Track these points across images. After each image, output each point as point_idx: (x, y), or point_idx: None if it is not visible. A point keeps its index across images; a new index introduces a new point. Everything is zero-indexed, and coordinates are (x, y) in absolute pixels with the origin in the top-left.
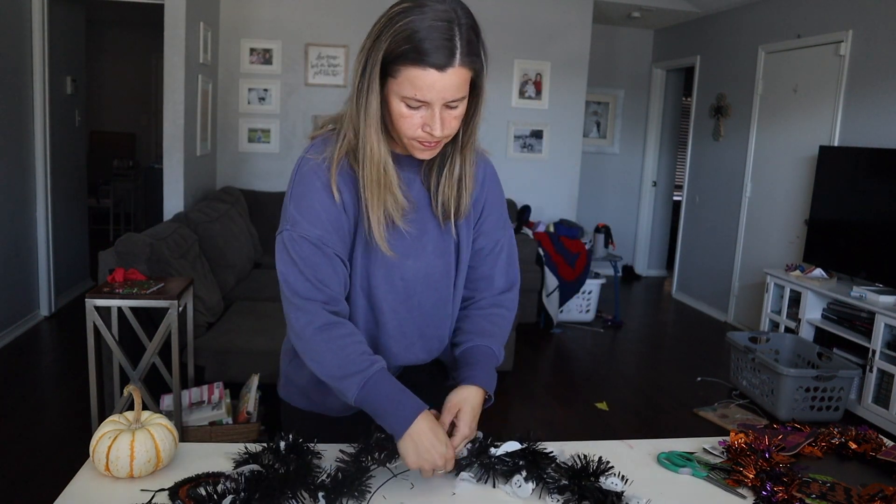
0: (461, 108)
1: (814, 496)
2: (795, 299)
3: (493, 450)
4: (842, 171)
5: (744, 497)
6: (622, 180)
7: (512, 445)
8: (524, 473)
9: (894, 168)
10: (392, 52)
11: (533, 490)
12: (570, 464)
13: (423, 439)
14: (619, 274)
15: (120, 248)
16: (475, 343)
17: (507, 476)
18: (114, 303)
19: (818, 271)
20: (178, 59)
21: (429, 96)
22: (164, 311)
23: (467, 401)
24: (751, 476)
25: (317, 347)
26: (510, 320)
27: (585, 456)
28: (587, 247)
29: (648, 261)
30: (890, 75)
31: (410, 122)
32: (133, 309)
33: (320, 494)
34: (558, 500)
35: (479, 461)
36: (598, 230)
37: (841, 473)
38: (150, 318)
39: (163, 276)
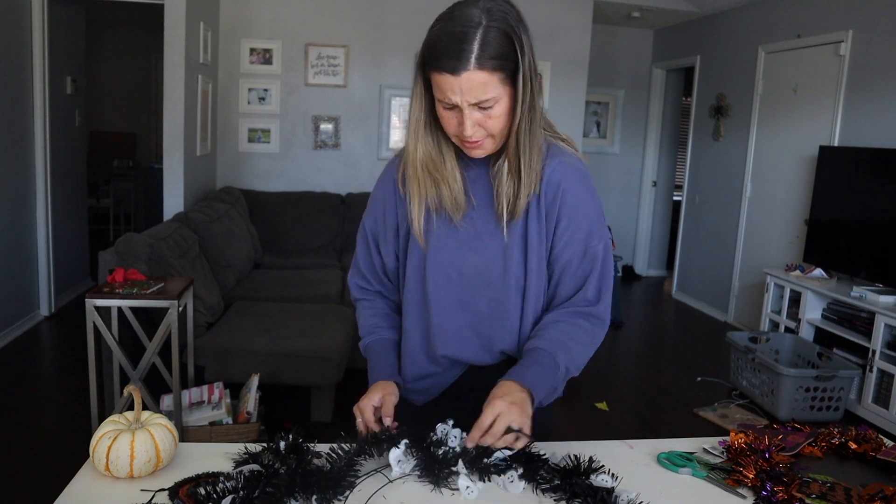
0: (499, 108)
1: (814, 496)
2: (795, 299)
3: (486, 459)
4: (842, 171)
5: (744, 497)
6: (622, 180)
7: (504, 452)
8: (519, 471)
9: (894, 168)
10: (423, 58)
11: (524, 489)
12: (562, 464)
13: (373, 389)
14: (619, 274)
15: (120, 248)
16: (535, 346)
17: (502, 472)
18: (114, 303)
19: (818, 271)
20: (178, 59)
21: (452, 99)
22: (164, 311)
23: (495, 391)
24: (751, 476)
25: (358, 312)
26: (592, 335)
27: (577, 456)
28: None
29: (648, 261)
30: (890, 75)
31: (449, 123)
32: (133, 309)
33: (314, 498)
34: (552, 497)
35: (473, 468)
36: None
37: (841, 473)
38: (150, 318)
39: (163, 276)
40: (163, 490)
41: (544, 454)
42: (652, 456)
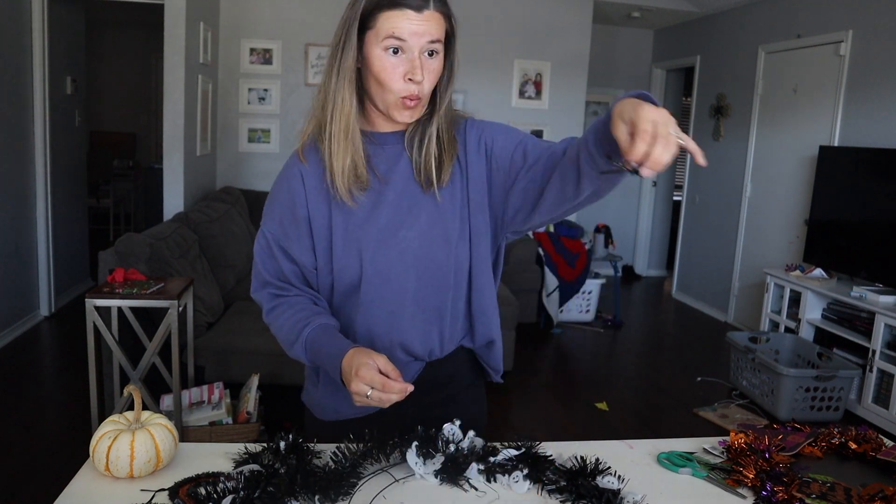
0: (438, 62)
1: (814, 496)
2: (795, 299)
3: (492, 458)
4: (842, 171)
5: (744, 497)
6: (622, 180)
7: (510, 452)
8: (525, 471)
9: (894, 168)
10: (371, 3)
11: (529, 489)
12: (568, 465)
13: (354, 360)
14: (619, 274)
15: (120, 248)
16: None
17: (507, 472)
18: (114, 303)
19: (818, 271)
20: (178, 59)
21: (406, 35)
22: (164, 311)
23: (617, 109)
24: (751, 476)
25: (274, 332)
26: None
27: (583, 457)
28: (587, 247)
29: (648, 261)
30: (890, 75)
31: (393, 73)
32: (133, 309)
33: (316, 498)
34: (557, 499)
35: (479, 466)
36: (598, 230)
37: (841, 473)
38: (150, 318)
39: (163, 276)
40: (163, 490)
41: (550, 455)
42: (652, 456)
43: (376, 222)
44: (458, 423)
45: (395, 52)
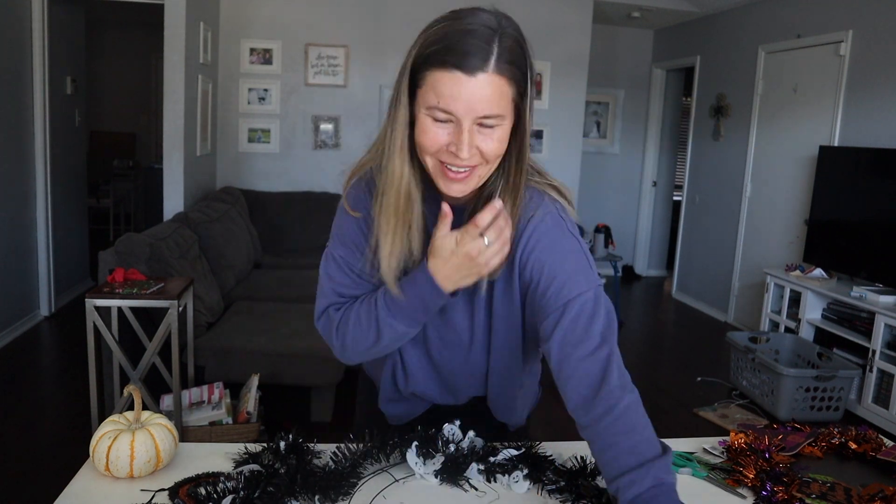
0: (502, 131)
1: (814, 496)
2: (795, 299)
3: (491, 458)
4: (842, 171)
5: (744, 497)
6: (622, 180)
7: (510, 452)
8: (525, 471)
9: (894, 168)
10: (420, 55)
11: (528, 489)
12: (568, 466)
13: (436, 249)
14: (619, 274)
15: (120, 248)
16: (638, 488)
17: (507, 472)
18: (114, 303)
19: (818, 271)
20: (178, 59)
21: (454, 106)
22: (164, 311)
23: None
24: (751, 476)
25: (353, 335)
26: (639, 406)
27: (583, 457)
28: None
29: (648, 261)
30: (890, 75)
31: (434, 138)
32: (133, 309)
33: (316, 498)
34: (557, 499)
35: (479, 465)
36: (598, 230)
37: (841, 473)
38: (150, 318)
39: (163, 276)
40: (163, 490)
41: (550, 455)
42: None
43: None
44: (457, 423)
45: (442, 119)
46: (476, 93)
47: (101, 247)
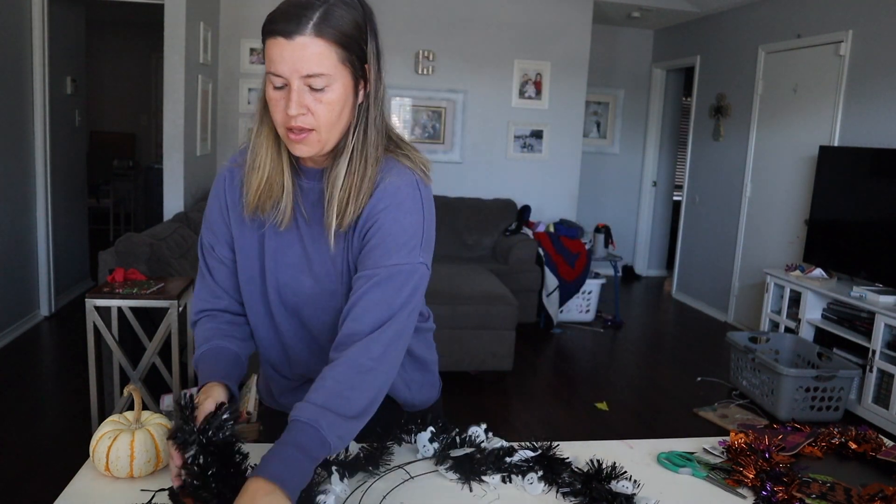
0: (331, 94)
1: (814, 496)
2: (795, 299)
3: (508, 459)
4: (842, 171)
5: (744, 497)
6: (622, 180)
7: (526, 454)
8: (540, 473)
9: (894, 168)
10: (262, 31)
11: (543, 491)
12: (584, 469)
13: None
14: (619, 274)
15: (120, 248)
16: (299, 415)
17: (523, 474)
18: (114, 303)
19: (818, 271)
20: (178, 59)
21: (280, 67)
22: (164, 311)
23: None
24: (751, 476)
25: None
26: (378, 378)
27: (599, 461)
28: (587, 247)
29: (648, 261)
30: (890, 75)
31: (276, 107)
32: (133, 309)
33: (333, 468)
34: (571, 501)
35: (495, 466)
36: (598, 230)
37: (841, 473)
38: (150, 318)
39: (163, 276)
40: (163, 490)
41: (567, 458)
42: (652, 456)
43: (278, 266)
44: (483, 426)
45: (279, 85)
46: (296, 53)
47: (101, 247)
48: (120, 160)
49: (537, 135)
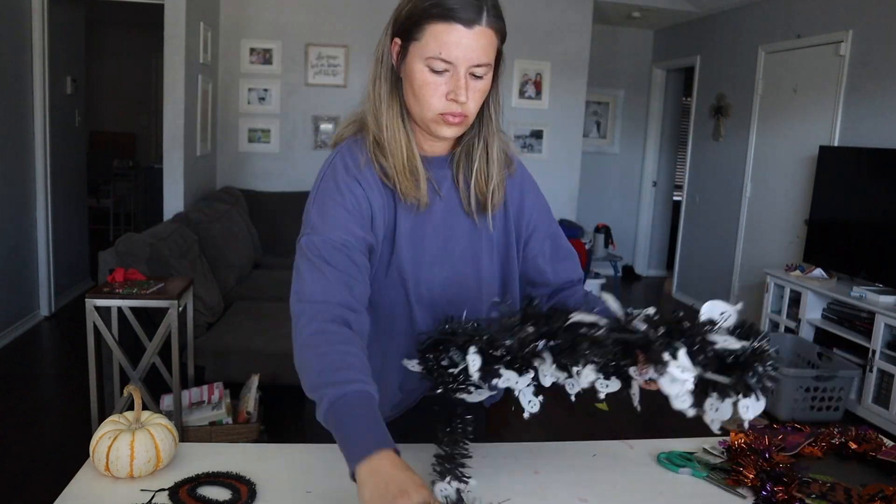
0: (486, 82)
1: (814, 496)
2: (795, 299)
3: (711, 337)
4: (842, 171)
5: (744, 497)
6: (622, 180)
7: (728, 341)
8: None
9: (894, 168)
10: (416, 10)
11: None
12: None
13: (384, 470)
14: (619, 274)
15: (120, 248)
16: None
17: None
18: (114, 303)
19: (818, 271)
20: (178, 59)
21: (455, 54)
22: (164, 311)
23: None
24: (751, 476)
25: (306, 352)
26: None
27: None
28: (587, 247)
29: (648, 261)
30: (890, 75)
31: (435, 91)
32: (133, 309)
33: (471, 349)
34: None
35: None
36: (598, 230)
37: (841, 473)
38: (150, 318)
39: (163, 276)
40: (163, 490)
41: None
42: (652, 456)
43: (413, 259)
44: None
45: (440, 69)
46: (472, 41)
47: (101, 247)
48: (120, 160)
49: (537, 135)
